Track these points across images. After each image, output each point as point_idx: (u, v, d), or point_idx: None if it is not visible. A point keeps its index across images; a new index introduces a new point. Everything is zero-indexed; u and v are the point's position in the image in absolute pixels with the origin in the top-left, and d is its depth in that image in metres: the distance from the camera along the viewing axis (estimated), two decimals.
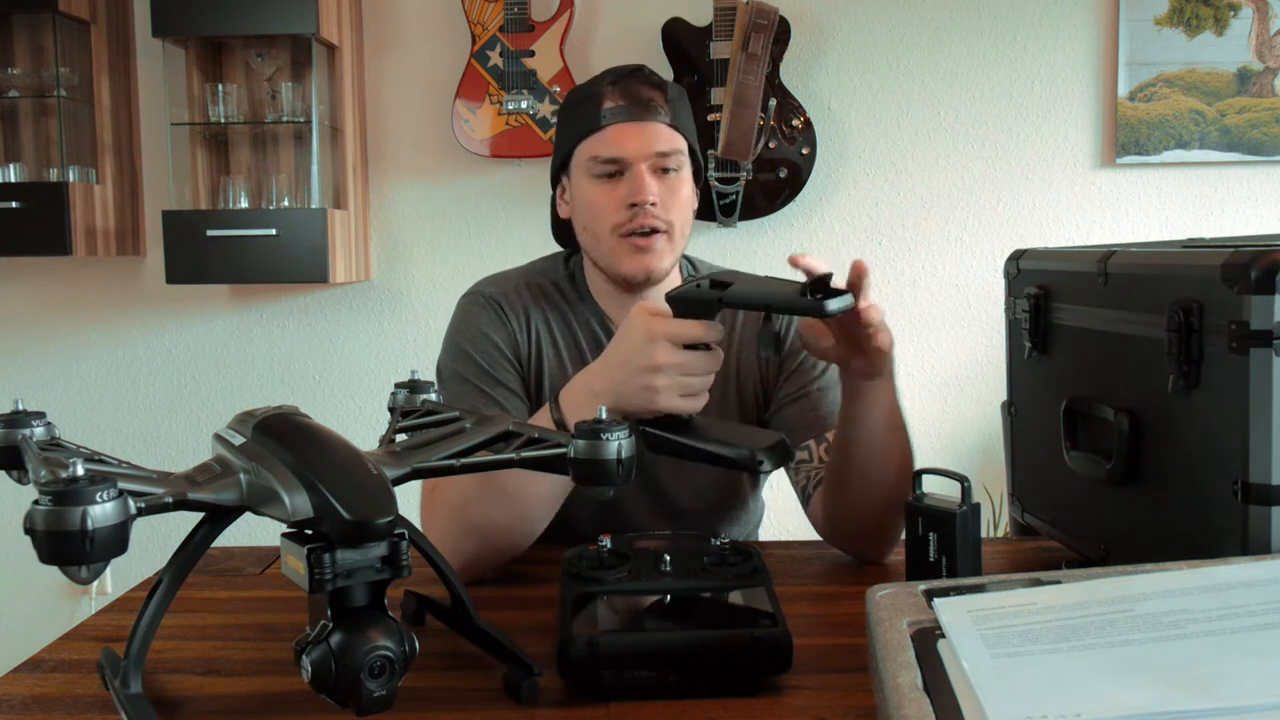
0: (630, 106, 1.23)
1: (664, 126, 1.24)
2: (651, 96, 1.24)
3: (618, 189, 1.23)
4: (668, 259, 1.25)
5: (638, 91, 1.24)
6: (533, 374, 1.31)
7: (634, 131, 1.23)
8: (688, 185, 1.27)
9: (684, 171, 1.27)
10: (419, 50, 2.88)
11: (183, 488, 0.74)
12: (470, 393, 1.26)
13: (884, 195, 2.88)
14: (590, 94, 1.26)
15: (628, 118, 1.23)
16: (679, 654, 0.82)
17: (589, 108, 1.25)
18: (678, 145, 1.25)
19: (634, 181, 1.22)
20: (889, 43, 2.85)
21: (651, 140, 1.23)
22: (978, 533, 1.04)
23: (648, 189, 1.21)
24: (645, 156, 1.23)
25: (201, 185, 2.79)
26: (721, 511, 1.38)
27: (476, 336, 1.29)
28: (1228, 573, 0.73)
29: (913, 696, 0.64)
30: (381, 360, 2.94)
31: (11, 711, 0.82)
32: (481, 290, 1.34)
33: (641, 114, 1.23)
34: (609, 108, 1.24)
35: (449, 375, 1.29)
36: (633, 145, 1.22)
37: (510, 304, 1.32)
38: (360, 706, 0.68)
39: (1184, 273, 0.90)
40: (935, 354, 2.91)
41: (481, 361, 1.28)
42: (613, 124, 1.23)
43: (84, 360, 2.98)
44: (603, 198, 1.24)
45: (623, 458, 0.81)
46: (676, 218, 1.25)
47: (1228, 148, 2.81)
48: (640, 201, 1.21)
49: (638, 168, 1.22)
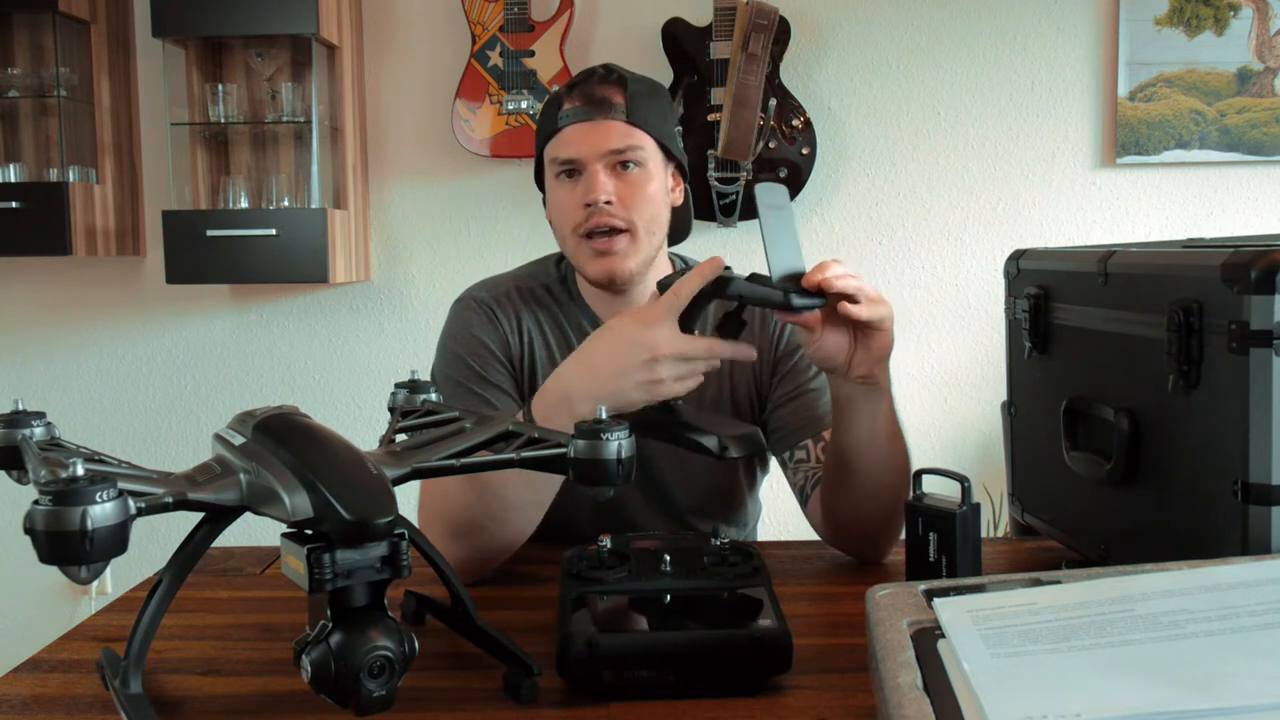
0: (584, 107, 1.24)
1: (619, 123, 1.23)
2: (606, 95, 1.24)
3: (575, 189, 1.24)
4: (632, 259, 1.24)
5: (592, 91, 1.24)
6: (525, 376, 1.31)
7: (586, 131, 1.23)
8: (655, 180, 1.26)
9: (649, 166, 1.25)
10: (419, 50, 2.88)
11: (183, 488, 0.74)
12: (463, 395, 1.26)
13: (884, 195, 2.88)
14: (555, 99, 1.28)
15: (582, 118, 1.23)
16: (679, 654, 0.82)
17: (551, 111, 1.27)
18: (635, 141, 1.24)
19: (588, 181, 1.23)
20: (889, 43, 2.85)
21: (605, 139, 1.23)
22: (978, 533, 1.04)
23: (599, 188, 1.21)
24: (598, 155, 1.23)
25: (201, 185, 2.79)
26: (720, 510, 1.38)
27: (468, 339, 1.30)
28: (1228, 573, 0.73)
29: (913, 696, 0.64)
30: (381, 360, 2.94)
31: (11, 711, 0.82)
32: (473, 295, 1.35)
33: (594, 113, 1.23)
34: (565, 109, 1.25)
35: (442, 380, 1.30)
36: (585, 145, 1.23)
37: (501, 307, 1.32)
38: (360, 706, 0.68)
39: (1184, 273, 0.90)
40: (935, 354, 2.91)
41: (473, 364, 1.28)
42: (568, 125, 1.24)
43: (84, 360, 2.98)
44: (564, 199, 1.25)
45: (623, 458, 0.81)
46: (640, 215, 1.24)
47: (1228, 148, 2.81)
48: (592, 201, 1.22)
49: (592, 167, 1.23)
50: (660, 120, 1.27)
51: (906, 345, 2.90)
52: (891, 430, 1.14)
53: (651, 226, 1.25)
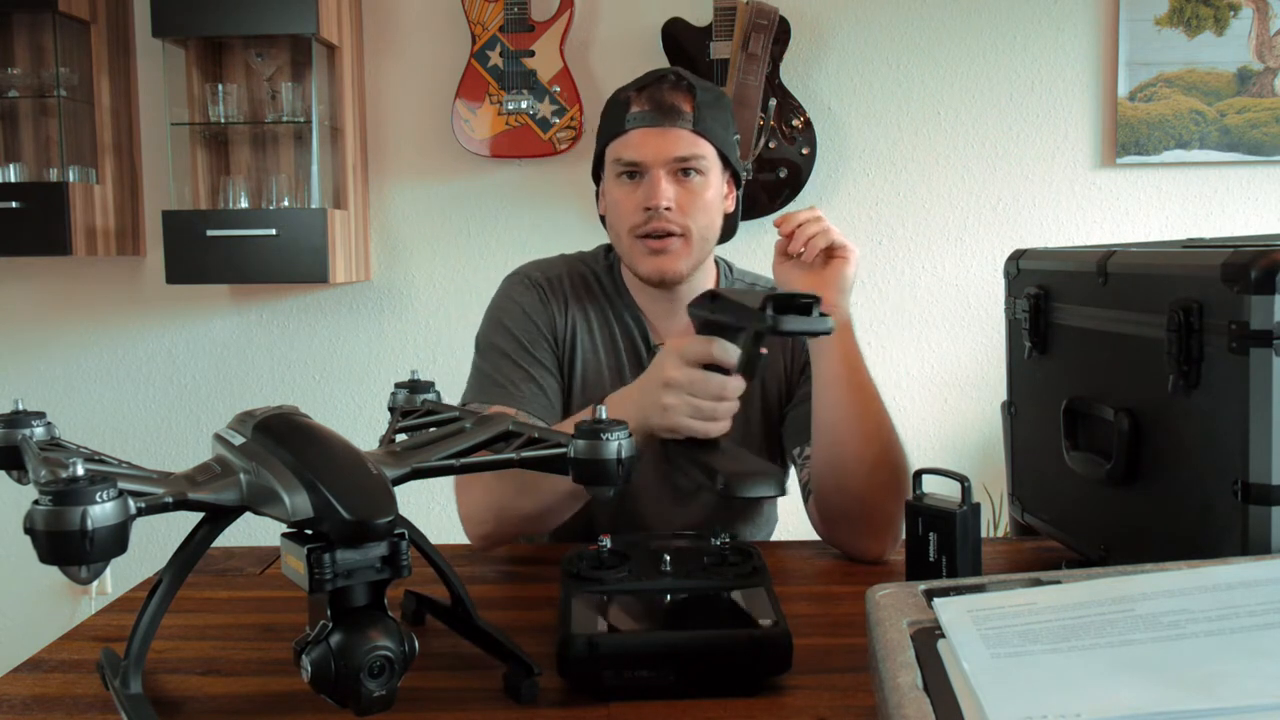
0: (653, 112, 1.26)
1: (686, 132, 1.26)
2: (675, 102, 1.26)
3: (636, 192, 1.27)
4: (683, 261, 1.28)
5: (661, 97, 1.26)
6: (566, 359, 1.34)
7: (654, 137, 1.25)
8: (713, 188, 1.29)
9: (710, 175, 1.28)
10: (419, 50, 2.88)
11: (183, 488, 0.74)
12: (508, 367, 1.29)
13: (884, 195, 2.88)
14: (621, 99, 1.30)
15: (650, 123, 1.26)
16: (679, 654, 0.82)
17: (618, 111, 1.29)
18: (699, 150, 1.26)
19: (650, 186, 1.25)
20: (889, 43, 2.85)
21: (671, 146, 1.25)
22: (978, 533, 1.04)
23: (661, 194, 1.24)
24: (663, 161, 1.25)
25: (201, 185, 2.79)
26: (739, 519, 1.40)
27: (519, 315, 1.33)
28: (1228, 573, 0.73)
29: (913, 696, 0.64)
30: (381, 360, 2.94)
31: (11, 711, 0.82)
32: (527, 273, 1.38)
33: (663, 120, 1.25)
34: (634, 112, 1.27)
35: (487, 347, 1.32)
36: (651, 150, 1.25)
37: (554, 290, 1.35)
38: (360, 706, 0.68)
39: (1184, 273, 0.90)
40: (935, 354, 2.91)
41: (522, 338, 1.31)
42: (635, 128, 1.26)
43: (84, 360, 2.98)
44: (623, 199, 1.28)
45: (622, 458, 0.81)
46: (696, 221, 1.27)
47: (1228, 148, 2.81)
48: (654, 206, 1.25)
49: (655, 172, 1.25)
50: (723, 129, 1.30)
51: (906, 345, 2.90)
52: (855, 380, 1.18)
53: (706, 233, 1.29)
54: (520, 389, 1.27)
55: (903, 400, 2.90)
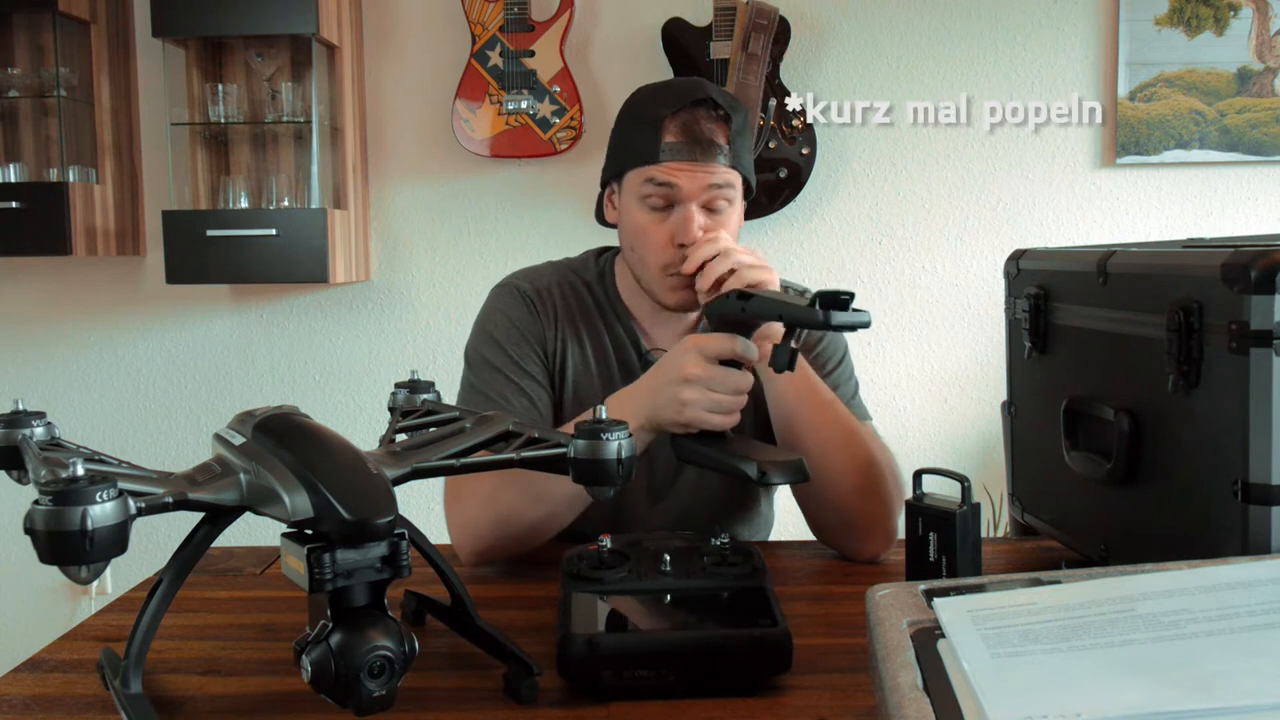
0: (690, 145, 1.20)
1: (721, 167, 1.21)
2: (712, 136, 1.20)
3: (666, 224, 1.22)
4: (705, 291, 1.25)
5: (699, 130, 1.20)
6: (557, 370, 1.32)
7: (690, 171, 1.20)
8: (737, 215, 1.26)
9: (735, 203, 1.25)
10: (419, 50, 2.88)
11: (183, 488, 0.74)
12: (498, 381, 1.28)
13: (884, 195, 2.88)
14: (652, 120, 1.22)
15: (687, 157, 1.20)
16: (679, 654, 0.82)
17: (649, 134, 1.22)
18: (730, 180, 1.22)
19: (684, 222, 1.21)
20: (889, 43, 2.85)
21: (706, 179, 1.20)
22: (978, 533, 1.04)
23: (694, 231, 1.20)
24: (698, 196, 1.21)
25: (201, 185, 2.79)
26: (735, 518, 1.39)
27: (507, 327, 1.31)
28: (1228, 573, 0.73)
29: (913, 696, 0.64)
30: (381, 360, 2.94)
31: (11, 711, 0.82)
32: (516, 284, 1.35)
33: (700, 155, 1.20)
34: (669, 143, 1.20)
35: (477, 361, 1.31)
36: (687, 185, 1.20)
37: (543, 300, 1.33)
38: (360, 706, 0.68)
39: (1184, 273, 0.90)
40: (935, 354, 2.91)
41: (511, 351, 1.29)
42: (671, 161, 1.20)
43: (84, 360, 2.98)
44: (651, 228, 1.23)
45: (622, 458, 0.81)
46: None
47: (1228, 148, 2.81)
48: (688, 243, 1.20)
49: (689, 207, 1.21)
50: (748, 155, 1.27)
51: (906, 345, 2.90)
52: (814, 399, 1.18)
53: None
54: (510, 402, 1.26)
55: (903, 400, 2.90)
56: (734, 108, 1.24)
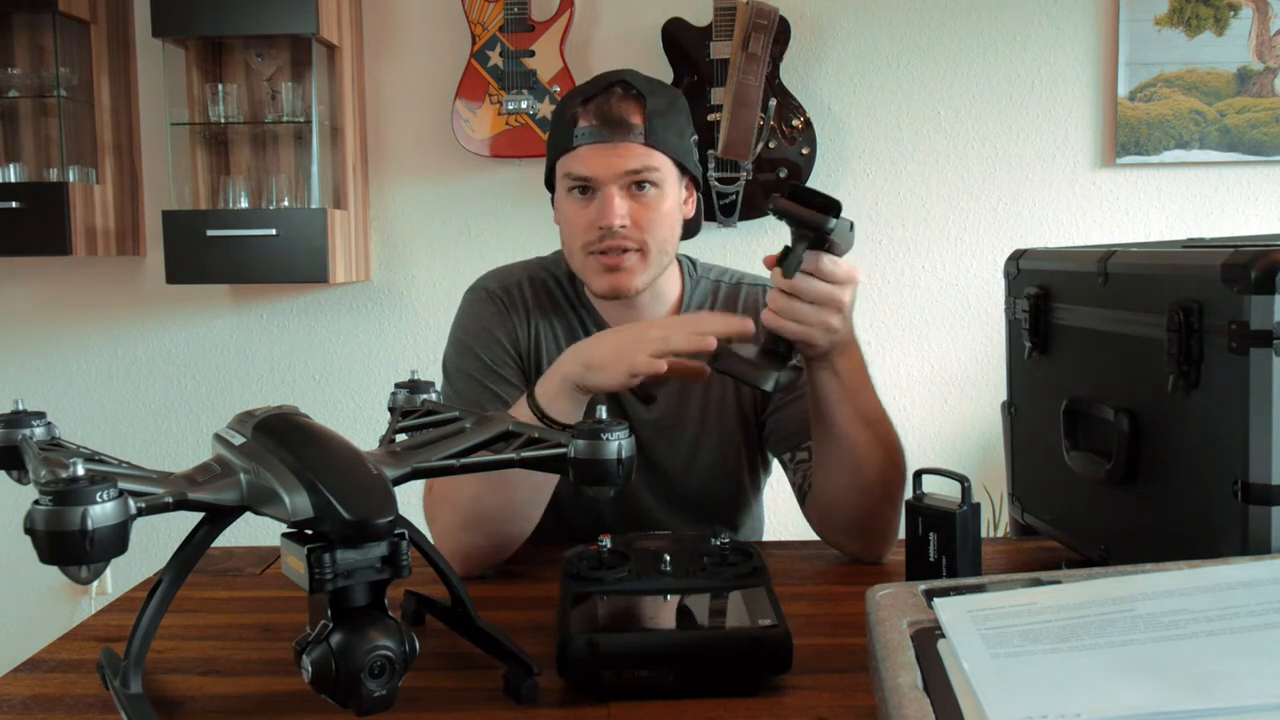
0: (600, 127, 1.21)
1: (637, 146, 1.21)
2: (623, 115, 1.21)
3: (589, 208, 1.23)
4: (639, 276, 1.24)
5: (610, 111, 1.21)
6: (532, 367, 1.32)
7: (603, 154, 1.21)
8: (669, 199, 1.25)
9: (665, 186, 1.24)
10: (419, 50, 2.88)
11: (183, 488, 0.74)
12: (476, 388, 1.27)
13: (884, 195, 2.88)
14: (569, 110, 1.25)
15: (598, 139, 1.21)
16: (679, 654, 0.82)
17: (566, 124, 1.24)
18: (651, 163, 1.22)
19: (603, 204, 1.21)
20: (889, 43, 2.85)
21: (621, 161, 1.21)
22: (978, 533, 1.04)
23: (614, 212, 1.20)
24: (614, 178, 1.21)
25: (201, 185, 2.79)
26: (727, 514, 1.39)
27: (479, 332, 1.31)
28: (1228, 573, 0.73)
29: (913, 696, 0.64)
30: (381, 360, 2.94)
31: (11, 711, 0.82)
32: (485, 285, 1.36)
33: (611, 135, 1.21)
34: (581, 127, 1.22)
35: (454, 371, 1.31)
36: (601, 166, 1.21)
37: (512, 299, 1.33)
38: (360, 706, 0.68)
39: (1184, 273, 0.90)
40: (935, 354, 2.91)
41: (486, 358, 1.29)
42: (584, 144, 1.22)
43: (84, 360, 2.98)
44: (575, 215, 1.24)
45: (623, 458, 0.81)
46: (653, 235, 1.23)
47: (1228, 148, 2.81)
48: (607, 225, 1.21)
49: (607, 190, 1.21)
50: (677, 137, 1.26)
51: (906, 345, 2.90)
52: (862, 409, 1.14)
53: (664, 245, 1.25)
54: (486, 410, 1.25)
55: (903, 400, 2.90)
56: (653, 89, 1.24)
